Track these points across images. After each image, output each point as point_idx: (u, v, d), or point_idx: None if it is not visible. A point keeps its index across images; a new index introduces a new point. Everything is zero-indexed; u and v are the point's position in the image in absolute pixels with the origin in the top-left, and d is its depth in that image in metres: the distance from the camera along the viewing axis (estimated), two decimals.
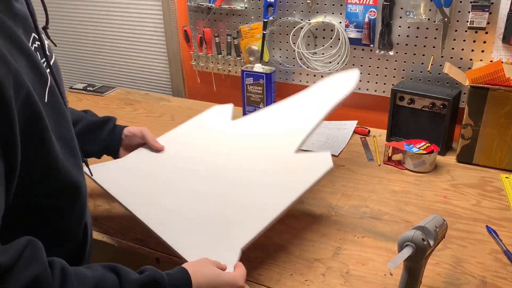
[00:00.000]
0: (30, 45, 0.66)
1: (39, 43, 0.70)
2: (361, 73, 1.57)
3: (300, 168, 0.97)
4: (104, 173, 1.08)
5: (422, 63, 1.47)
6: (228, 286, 0.76)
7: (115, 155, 1.14)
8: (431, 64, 1.44)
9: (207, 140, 1.18)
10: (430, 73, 1.47)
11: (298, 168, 0.97)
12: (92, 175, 1.04)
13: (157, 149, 1.15)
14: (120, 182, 1.05)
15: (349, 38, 1.53)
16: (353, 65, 1.57)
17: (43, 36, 0.74)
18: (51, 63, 0.73)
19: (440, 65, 1.43)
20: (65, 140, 0.70)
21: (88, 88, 1.97)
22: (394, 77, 1.53)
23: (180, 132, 1.24)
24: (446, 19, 1.36)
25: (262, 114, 1.23)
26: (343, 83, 1.23)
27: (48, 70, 0.69)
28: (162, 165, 1.11)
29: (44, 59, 0.70)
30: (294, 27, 1.61)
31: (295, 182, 0.94)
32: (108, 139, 1.11)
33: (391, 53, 1.50)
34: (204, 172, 1.06)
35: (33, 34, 0.69)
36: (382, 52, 1.51)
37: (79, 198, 0.75)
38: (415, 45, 1.46)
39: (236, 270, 0.80)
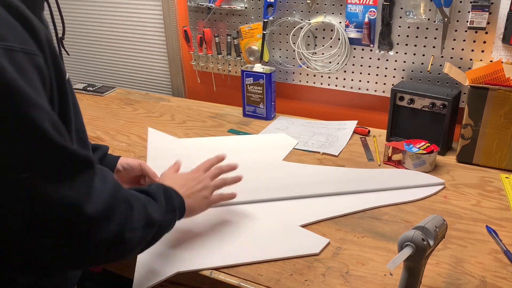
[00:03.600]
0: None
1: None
2: (360, 73, 1.57)
3: (292, 241, 1.00)
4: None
5: (422, 63, 1.47)
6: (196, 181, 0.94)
7: None
8: (431, 64, 1.44)
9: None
10: (430, 73, 1.47)
11: (291, 240, 1.00)
12: None
13: None
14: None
15: (349, 38, 1.53)
16: (353, 65, 1.57)
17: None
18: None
19: (440, 65, 1.43)
20: (78, 132, 0.75)
21: (88, 88, 1.97)
22: (394, 77, 1.53)
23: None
24: (446, 19, 1.36)
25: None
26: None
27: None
28: None
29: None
30: (294, 27, 1.61)
31: (274, 250, 0.97)
32: None
33: (391, 53, 1.50)
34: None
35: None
36: (382, 52, 1.51)
37: None
38: (415, 45, 1.46)
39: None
